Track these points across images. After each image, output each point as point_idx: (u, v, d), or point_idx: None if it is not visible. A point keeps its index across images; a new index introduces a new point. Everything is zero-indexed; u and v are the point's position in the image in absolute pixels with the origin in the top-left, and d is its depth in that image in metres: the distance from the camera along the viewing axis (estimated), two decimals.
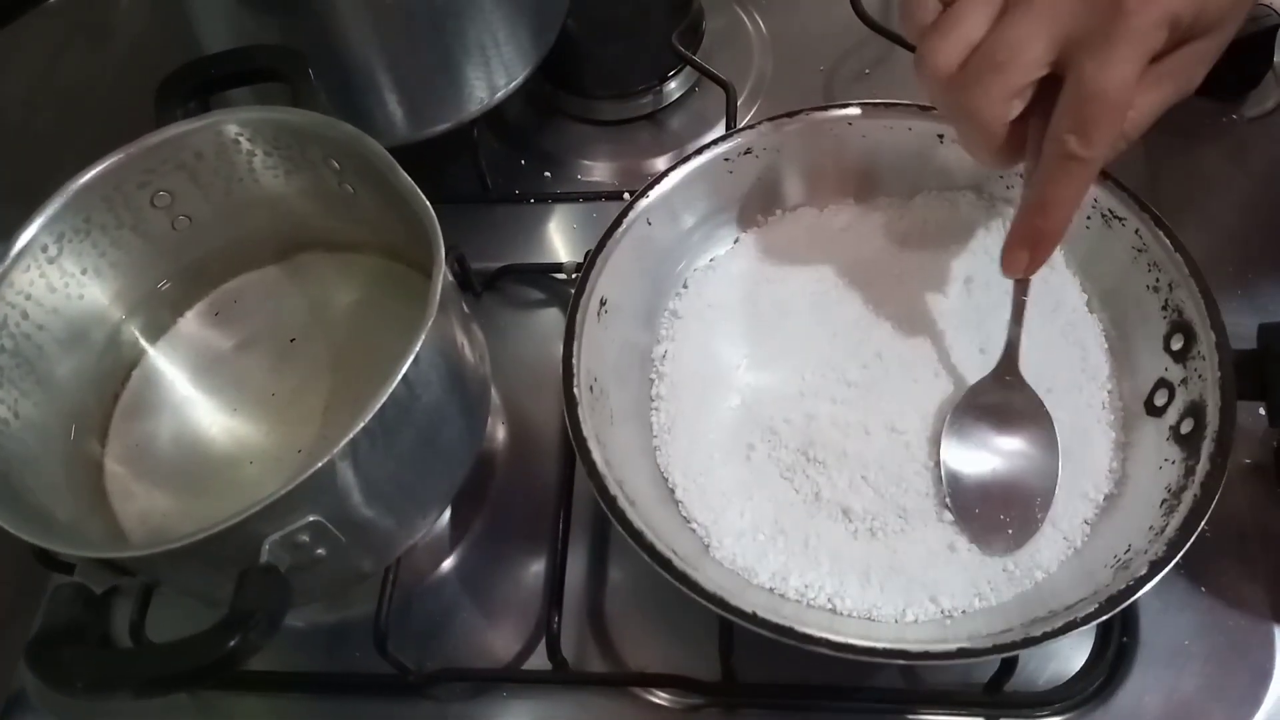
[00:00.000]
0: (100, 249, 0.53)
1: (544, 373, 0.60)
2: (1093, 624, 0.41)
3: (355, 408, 0.41)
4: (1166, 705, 0.49)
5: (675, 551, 0.44)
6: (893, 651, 0.41)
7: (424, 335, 0.43)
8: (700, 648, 0.50)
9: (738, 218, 0.57)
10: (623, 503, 0.44)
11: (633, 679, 0.52)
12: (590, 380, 0.49)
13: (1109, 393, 0.50)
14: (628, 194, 0.54)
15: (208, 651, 0.38)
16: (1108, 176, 0.51)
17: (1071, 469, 0.48)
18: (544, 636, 0.51)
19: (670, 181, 0.54)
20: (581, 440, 0.46)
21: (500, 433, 0.60)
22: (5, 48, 0.77)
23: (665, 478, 0.50)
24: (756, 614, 0.41)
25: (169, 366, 0.57)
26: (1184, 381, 0.47)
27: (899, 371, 0.50)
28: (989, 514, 0.47)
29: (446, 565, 0.57)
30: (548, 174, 0.71)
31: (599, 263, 0.51)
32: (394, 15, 0.58)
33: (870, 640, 0.41)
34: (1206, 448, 0.44)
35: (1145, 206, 0.50)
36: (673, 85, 0.73)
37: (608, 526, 0.55)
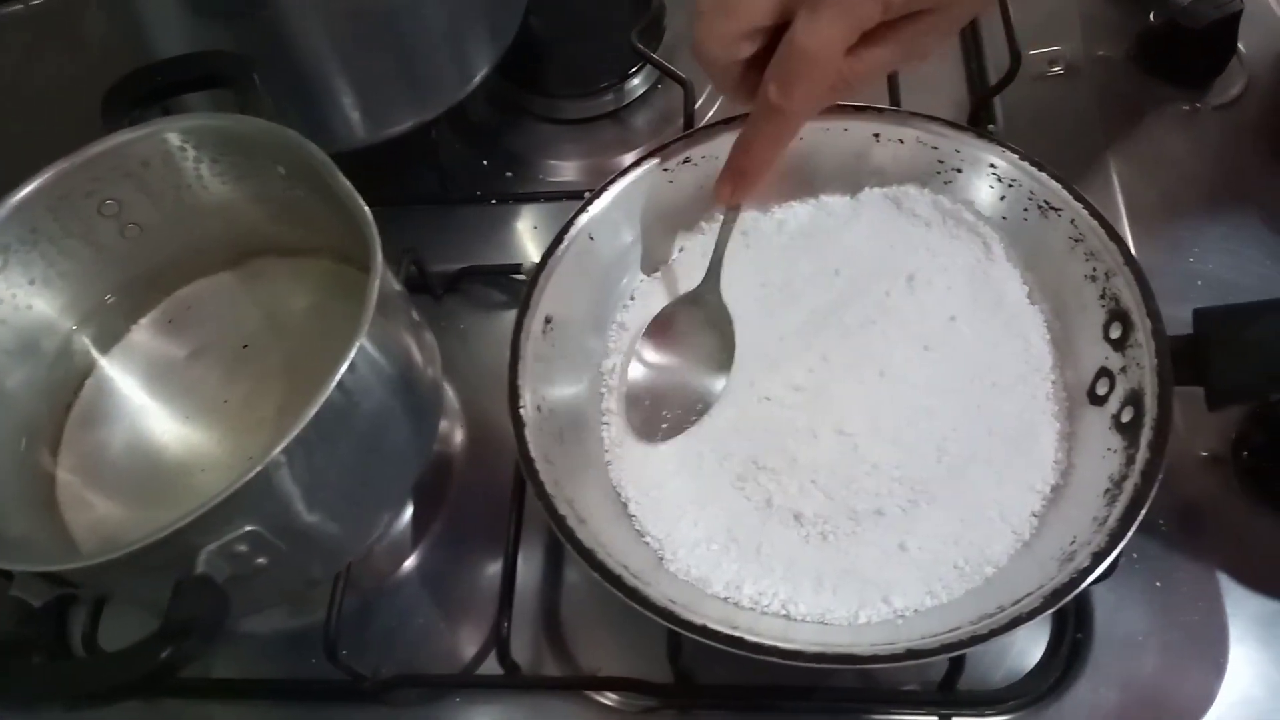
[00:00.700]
0: (49, 259, 0.53)
1: (505, 374, 0.59)
2: (1039, 618, 0.40)
3: (308, 413, 0.41)
4: (1122, 700, 0.48)
5: (627, 567, 0.43)
6: (842, 656, 0.41)
7: (359, 342, 0.43)
8: (654, 650, 0.49)
9: (682, 226, 0.56)
10: (572, 521, 0.44)
11: (585, 682, 0.52)
12: (538, 400, 0.49)
13: (1053, 383, 0.49)
14: (588, 193, 0.53)
15: (140, 663, 0.38)
16: (1042, 167, 0.51)
17: (1019, 462, 0.47)
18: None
19: (610, 195, 0.53)
20: (529, 461, 0.46)
21: (459, 435, 0.60)
22: None
23: (618, 492, 0.49)
24: (706, 626, 0.41)
25: (121, 375, 0.57)
26: (1124, 369, 0.46)
27: (845, 373, 0.49)
28: (654, 409, 0.50)
29: (407, 566, 0.56)
30: (510, 174, 0.71)
31: (541, 280, 0.51)
32: (345, 18, 0.58)
33: (822, 645, 0.41)
34: (1145, 435, 0.44)
35: (1079, 196, 0.50)
36: (635, 82, 0.72)
37: None
